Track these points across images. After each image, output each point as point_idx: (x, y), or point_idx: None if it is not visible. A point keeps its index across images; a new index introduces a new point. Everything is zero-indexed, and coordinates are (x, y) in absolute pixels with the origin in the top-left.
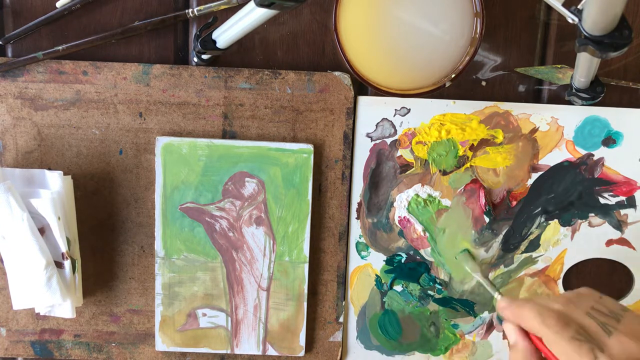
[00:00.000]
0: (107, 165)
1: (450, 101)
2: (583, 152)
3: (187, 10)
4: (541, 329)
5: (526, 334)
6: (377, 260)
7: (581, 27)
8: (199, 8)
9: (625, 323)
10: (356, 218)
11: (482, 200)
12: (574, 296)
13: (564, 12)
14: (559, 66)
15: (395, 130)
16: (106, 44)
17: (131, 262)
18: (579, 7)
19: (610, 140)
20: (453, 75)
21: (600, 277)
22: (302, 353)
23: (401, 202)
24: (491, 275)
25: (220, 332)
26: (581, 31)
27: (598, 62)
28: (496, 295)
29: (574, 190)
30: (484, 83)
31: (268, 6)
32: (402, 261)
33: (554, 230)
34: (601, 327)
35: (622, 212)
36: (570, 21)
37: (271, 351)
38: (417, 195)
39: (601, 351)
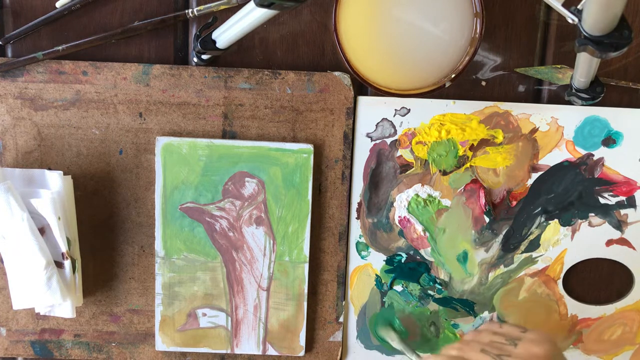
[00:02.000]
0: (107, 165)
1: (450, 101)
2: (583, 152)
3: (187, 10)
4: None
5: None
6: (377, 260)
7: (581, 27)
8: (199, 8)
9: (522, 345)
10: (356, 218)
11: (482, 200)
12: (471, 336)
13: (564, 12)
14: (559, 66)
15: (395, 130)
16: (106, 44)
17: (131, 262)
18: (579, 7)
19: (610, 140)
20: (453, 75)
21: (600, 277)
22: (302, 353)
23: (401, 202)
24: (491, 275)
25: (220, 332)
26: (581, 31)
27: (598, 62)
28: (414, 358)
29: (574, 190)
30: (484, 83)
31: (268, 6)
32: (402, 261)
33: (554, 230)
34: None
35: (622, 212)
36: (570, 21)
37: (271, 351)
38: (417, 195)
39: None
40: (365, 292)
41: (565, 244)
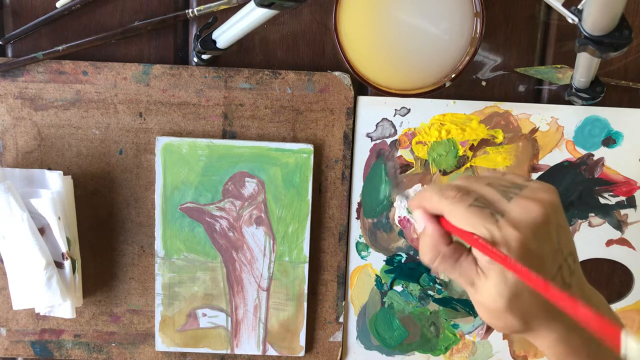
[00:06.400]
0: (107, 165)
1: (450, 101)
2: (583, 152)
3: (187, 10)
4: (440, 202)
5: (435, 218)
6: (377, 260)
7: (581, 27)
8: (199, 8)
9: (527, 190)
10: (356, 218)
11: None
12: (477, 175)
13: (564, 12)
14: (559, 66)
15: (395, 130)
16: (106, 44)
17: (131, 262)
18: (579, 7)
19: (610, 140)
20: (453, 75)
21: (600, 277)
22: (302, 353)
23: (401, 202)
24: None
25: (220, 332)
26: (581, 31)
27: (598, 62)
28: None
29: (574, 190)
30: (484, 83)
31: (268, 6)
32: (402, 261)
33: None
34: (501, 194)
35: (622, 212)
36: (570, 21)
37: (271, 351)
38: None
39: (501, 215)
40: (365, 292)
41: None
